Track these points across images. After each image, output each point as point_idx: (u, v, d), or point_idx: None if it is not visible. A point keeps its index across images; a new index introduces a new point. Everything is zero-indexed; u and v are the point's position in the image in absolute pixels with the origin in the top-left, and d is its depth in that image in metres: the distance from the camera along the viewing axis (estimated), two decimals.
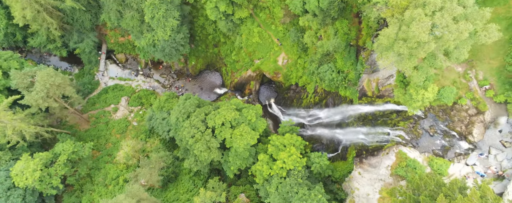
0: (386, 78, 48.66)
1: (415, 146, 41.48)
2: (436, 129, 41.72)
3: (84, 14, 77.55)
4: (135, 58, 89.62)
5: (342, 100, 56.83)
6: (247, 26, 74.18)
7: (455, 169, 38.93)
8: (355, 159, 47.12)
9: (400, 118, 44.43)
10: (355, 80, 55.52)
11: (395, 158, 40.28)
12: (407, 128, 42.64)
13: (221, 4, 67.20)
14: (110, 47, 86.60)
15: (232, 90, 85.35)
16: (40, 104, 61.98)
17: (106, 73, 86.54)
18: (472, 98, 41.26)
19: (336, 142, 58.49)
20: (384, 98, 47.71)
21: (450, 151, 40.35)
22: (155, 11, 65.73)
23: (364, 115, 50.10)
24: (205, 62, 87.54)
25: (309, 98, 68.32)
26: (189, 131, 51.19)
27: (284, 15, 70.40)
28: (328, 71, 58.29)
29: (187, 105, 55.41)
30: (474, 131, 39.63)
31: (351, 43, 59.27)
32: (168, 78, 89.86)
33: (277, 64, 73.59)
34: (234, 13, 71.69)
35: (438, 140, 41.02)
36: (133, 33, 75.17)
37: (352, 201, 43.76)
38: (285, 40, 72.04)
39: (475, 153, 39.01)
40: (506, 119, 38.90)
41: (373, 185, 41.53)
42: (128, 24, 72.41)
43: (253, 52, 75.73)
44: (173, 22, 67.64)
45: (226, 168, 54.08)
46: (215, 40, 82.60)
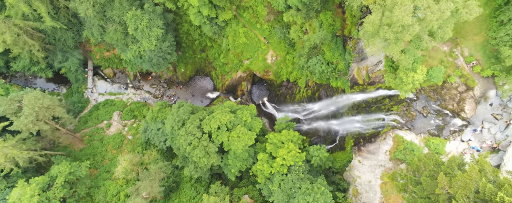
0: (375, 65, 49.72)
1: (411, 128, 42.48)
2: (429, 110, 42.78)
3: (66, 33, 77.43)
4: (123, 71, 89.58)
5: (335, 91, 57.78)
6: (232, 28, 74.90)
7: (452, 147, 39.97)
8: (354, 148, 48.00)
9: (393, 102, 45.44)
10: (345, 70, 56.53)
11: (392, 142, 41.20)
12: (401, 111, 43.64)
13: (203, 8, 67.88)
14: (96, 63, 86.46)
15: (224, 93, 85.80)
16: (31, 128, 61.74)
17: (95, 90, 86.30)
18: (461, 75, 42.48)
19: (333, 133, 59.39)
20: (375, 84, 48.73)
21: (445, 129, 41.42)
22: (138, 22, 66.13)
23: (357, 103, 51.05)
24: (194, 68, 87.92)
25: (301, 93, 69.18)
26: (185, 139, 51.49)
27: (268, 12, 71.34)
28: (318, 63, 59.24)
29: (181, 113, 55.73)
30: (465, 107, 40.76)
31: (337, 34, 60.36)
32: (159, 88, 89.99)
33: (266, 62, 74.42)
34: (218, 16, 72.38)
35: (432, 120, 42.09)
36: (118, 47, 75.32)
37: (355, 189, 44.53)
38: (271, 37, 72.92)
39: (469, 129, 40.13)
40: (495, 92, 40.13)
41: (374, 172, 42.37)
42: (112, 38, 72.57)
43: (241, 52, 76.45)
44: (157, 31, 68.04)
45: (226, 172, 54.45)
46: (202, 45, 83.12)
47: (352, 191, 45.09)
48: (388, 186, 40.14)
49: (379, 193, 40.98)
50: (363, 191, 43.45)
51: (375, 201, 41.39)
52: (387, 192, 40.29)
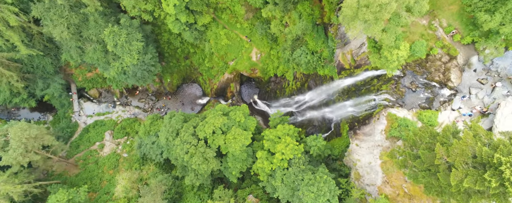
0: (358, 48, 51.09)
1: (402, 105, 43.76)
2: (417, 84, 44.17)
3: (43, 59, 76.98)
4: (109, 90, 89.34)
5: (323, 79, 58.96)
6: (212, 31, 75.67)
7: (444, 117, 41.34)
8: (349, 132, 49.08)
9: (381, 82, 46.75)
10: (330, 57, 57.77)
11: (386, 121, 42.35)
12: (390, 89, 44.94)
13: (181, 15, 68.47)
14: (80, 85, 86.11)
15: (214, 97, 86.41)
16: (21, 161, 61.29)
17: (82, 113, 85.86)
18: (442, 46, 44.03)
19: (327, 121, 60.54)
20: (362, 67, 50.04)
21: (435, 101, 42.82)
22: (116, 38, 66.25)
23: (347, 88, 52.28)
24: (180, 77, 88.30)
25: (291, 86, 70.29)
26: (182, 148, 51.83)
27: (246, 11, 72.34)
28: (302, 54, 60.39)
29: (173, 123, 56.07)
30: (451, 76, 42.25)
31: (317, 23, 61.66)
32: (147, 102, 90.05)
33: (251, 60, 75.34)
34: (196, 21, 73.04)
35: (421, 94, 43.47)
36: (100, 66, 75.23)
37: (356, 173, 45.53)
38: (253, 35, 73.89)
39: (458, 97, 41.60)
40: (477, 58, 41.74)
41: (372, 153, 43.42)
42: (92, 58, 72.48)
43: (225, 54, 77.23)
44: (137, 44, 68.30)
45: (228, 175, 54.92)
46: (185, 52, 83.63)
47: (354, 175, 46.07)
48: (388, 165, 41.19)
49: (380, 173, 42.02)
50: (364, 173, 44.44)
51: (377, 181, 42.39)
52: (388, 171, 41.35)
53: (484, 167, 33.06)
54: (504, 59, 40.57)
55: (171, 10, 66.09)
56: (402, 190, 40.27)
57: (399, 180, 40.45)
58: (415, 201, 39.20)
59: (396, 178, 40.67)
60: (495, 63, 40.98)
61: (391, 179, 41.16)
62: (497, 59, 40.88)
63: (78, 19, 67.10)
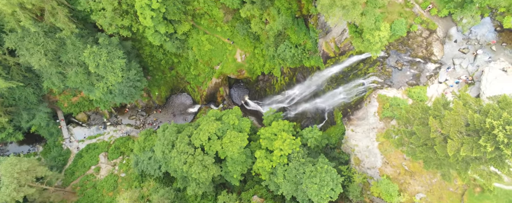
0: (340, 35, 52.50)
1: (390, 84, 45.12)
2: (402, 62, 45.64)
3: (24, 90, 76.54)
4: (97, 111, 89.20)
5: (310, 71, 60.19)
6: (194, 38, 76.53)
7: (432, 91, 42.76)
8: (343, 119, 50.24)
9: (368, 65, 48.12)
10: (314, 48, 59.09)
11: (378, 103, 43.59)
12: (377, 71, 46.32)
13: (160, 27, 69.20)
14: (67, 111, 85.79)
15: (205, 104, 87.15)
16: (15, 196, 60.76)
17: (73, 138, 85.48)
18: (421, 22, 45.66)
19: (321, 111, 61.78)
20: (346, 53, 51.41)
21: (422, 76, 44.30)
22: (97, 59, 66.41)
23: (334, 76, 53.58)
24: (168, 88, 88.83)
25: (279, 82, 71.49)
26: (179, 159, 52.27)
27: (225, 13, 73.48)
28: (286, 49, 61.65)
29: (167, 135, 56.51)
30: (434, 50, 43.80)
31: (296, 16, 63.07)
32: (138, 118, 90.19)
33: (236, 62, 76.38)
34: (176, 31, 73.82)
35: (408, 71, 44.93)
36: (84, 88, 75.23)
37: (355, 158, 46.58)
38: (235, 36, 74.99)
39: (443, 70, 43.12)
40: (455, 29, 43.40)
41: (368, 136, 44.55)
42: (75, 81, 72.39)
43: (209, 60, 78.12)
44: (119, 62, 68.60)
45: (229, 179, 55.47)
46: (169, 63, 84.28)
47: (354, 161, 47.11)
48: (386, 145, 42.33)
49: (379, 155, 43.11)
50: (363, 157, 45.50)
51: (377, 163, 43.48)
52: (386, 151, 42.47)
53: (478, 133, 34.33)
54: (481, 27, 42.27)
55: (148, 22, 66.79)
56: (403, 169, 41.38)
57: (398, 159, 41.57)
58: (416, 177, 40.31)
59: (395, 158, 41.79)
60: (473, 31, 42.65)
61: (390, 159, 42.26)
62: (474, 27, 42.56)
63: (55, 44, 67.14)
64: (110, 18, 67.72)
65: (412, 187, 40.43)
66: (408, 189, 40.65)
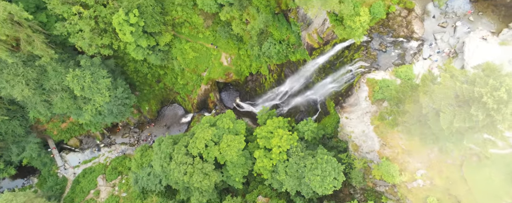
0: (322, 25, 53.96)
1: (377, 67, 46.56)
2: (385, 44, 47.17)
3: (10, 123, 76.06)
4: (89, 135, 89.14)
5: (297, 65, 61.55)
6: (177, 48, 77.43)
7: (419, 68, 44.28)
8: (336, 108, 51.51)
9: (352, 51, 49.58)
10: (298, 41, 60.49)
11: (367, 87, 44.90)
12: (363, 56, 47.76)
13: (141, 41, 69.89)
14: (57, 139, 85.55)
15: (197, 112, 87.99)
16: None
17: (67, 165, 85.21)
18: (398, 2, 47.23)
19: (313, 103, 63.12)
20: (330, 42, 52.87)
21: (406, 55, 45.85)
22: (81, 81, 66.56)
23: (322, 66, 54.99)
24: (158, 101, 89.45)
25: (268, 80, 72.83)
26: (179, 170, 52.84)
27: (204, 19, 74.62)
28: (271, 46, 62.95)
29: (163, 148, 57.04)
30: (414, 28, 45.39)
31: (276, 12, 64.48)
32: (132, 135, 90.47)
33: (223, 65, 77.47)
34: (158, 42, 74.67)
35: (392, 52, 46.44)
36: (72, 113, 75.25)
37: (353, 144, 47.80)
38: (218, 41, 76.10)
39: (426, 46, 44.73)
40: (432, 4, 45.09)
41: (363, 121, 45.82)
42: (61, 107, 72.31)
43: (195, 67, 79.06)
44: (105, 81, 68.89)
45: (232, 183, 56.17)
46: (155, 76, 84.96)
47: (352, 147, 48.30)
48: (381, 128, 43.58)
49: (376, 138, 44.35)
50: (361, 142, 46.71)
51: (375, 146, 44.72)
52: (383, 133, 43.71)
53: (468, 103, 35.71)
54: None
55: (129, 38, 67.49)
56: (400, 148, 42.61)
57: (395, 139, 42.82)
58: (415, 155, 41.59)
59: (391, 139, 43.03)
60: (449, 5, 44.37)
61: (387, 141, 43.50)
62: (450, 0, 44.33)
63: (36, 72, 67.03)
64: (89, 38, 68.14)
65: (412, 165, 41.68)
66: (408, 167, 41.89)
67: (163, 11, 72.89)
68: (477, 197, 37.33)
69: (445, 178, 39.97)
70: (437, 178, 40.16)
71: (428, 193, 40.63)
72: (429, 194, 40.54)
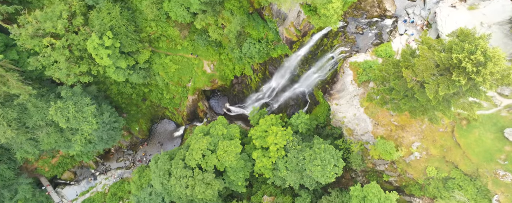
0: (297, 17, 55.94)
1: (358, 50, 48.61)
2: (361, 26, 49.34)
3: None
4: (82, 165, 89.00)
5: (280, 60, 63.46)
6: (157, 63, 78.55)
7: (397, 44, 46.40)
8: (325, 96, 53.31)
9: (331, 38, 51.60)
10: (276, 37, 62.37)
11: (351, 70, 46.82)
12: (342, 41, 49.81)
13: (119, 62, 70.75)
14: (50, 175, 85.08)
15: (189, 123, 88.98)
16: None
17: (65, 200, 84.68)
18: None
19: (301, 96, 65.00)
20: (308, 33, 54.86)
21: (383, 34, 48.03)
22: (65, 113, 66.70)
23: (304, 58, 56.93)
24: (147, 120, 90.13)
25: (254, 80, 74.55)
26: (180, 185, 53.67)
27: (180, 30, 76.03)
28: (251, 46, 64.68)
29: (161, 166, 57.81)
30: (386, 6, 47.64)
31: (250, 12, 66.38)
32: (126, 158, 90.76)
33: (207, 73, 78.88)
34: (137, 61, 75.72)
35: (369, 33, 48.61)
36: (61, 147, 75.20)
37: (347, 129, 49.53)
38: (197, 49, 77.54)
39: (400, 22, 46.92)
40: None
41: (353, 105, 47.60)
42: (49, 143, 72.14)
43: (179, 79, 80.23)
44: (89, 109, 69.30)
45: (235, 187, 57.21)
46: (140, 95, 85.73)
47: (346, 132, 50.02)
48: (371, 108, 45.39)
49: (368, 119, 46.11)
50: (354, 126, 48.44)
51: (368, 127, 46.46)
52: (373, 113, 45.50)
53: (449, 70, 37.75)
54: None
55: (107, 61, 68.31)
56: (393, 125, 44.41)
57: (386, 117, 44.62)
58: (407, 129, 43.42)
59: (383, 117, 44.81)
60: None
61: (379, 120, 45.27)
62: None
63: (16, 112, 66.78)
64: (66, 68, 68.49)
65: (407, 139, 43.48)
66: (403, 142, 43.66)
67: (137, 28, 74.04)
68: (472, 158, 39.24)
69: (439, 146, 41.85)
70: (432, 147, 42.01)
71: (426, 163, 42.46)
72: (427, 164, 42.36)
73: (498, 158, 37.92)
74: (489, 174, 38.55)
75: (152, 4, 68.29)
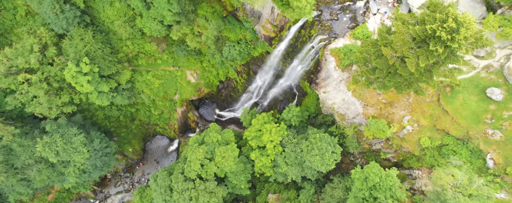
0: (271, 14, 57.70)
1: (336, 36, 50.49)
2: (335, 12, 51.36)
3: None
4: (79, 197, 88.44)
5: (262, 58, 65.24)
6: (140, 81, 79.29)
7: (372, 24, 48.46)
8: (311, 86, 55.09)
9: (308, 29, 53.47)
10: (255, 36, 64.09)
11: (333, 57, 48.66)
12: (319, 30, 51.70)
13: (101, 86, 71.08)
14: None
15: (182, 136, 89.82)
16: None
17: None
18: None
19: (289, 89, 66.86)
20: (285, 27, 56.69)
21: (357, 16, 50.05)
22: (53, 147, 66.42)
23: (285, 52, 58.76)
24: (139, 140, 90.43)
25: (240, 82, 76.11)
26: (183, 198, 54.34)
27: (157, 44, 77.09)
28: (231, 49, 66.19)
29: (161, 183, 58.48)
30: None
31: (224, 15, 67.96)
32: (124, 182, 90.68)
33: (191, 83, 79.99)
34: (119, 82, 76.38)
35: (344, 18, 50.64)
36: (55, 182, 74.76)
37: (339, 114, 51.28)
38: (178, 61, 78.62)
39: (371, 2, 49.11)
40: None
41: (340, 90, 49.41)
42: (42, 180, 71.60)
43: (165, 93, 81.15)
44: (78, 139, 69.23)
45: (238, 191, 58.12)
46: (127, 115, 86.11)
47: (338, 117, 51.79)
48: (358, 90, 47.23)
49: (357, 102, 47.93)
50: (345, 110, 50.20)
51: (359, 109, 48.26)
52: (361, 95, 47.35)
53: (426, 42, 39.93)
54: None
55: (88, 88, 68.56)
56: (381, 103, 46.26)
57: (374, 97, 46.46)
58: (396, 104, 45.31)
59: (370, 97, 46.65)
60: None
61: (367, 101, 47.09)
62: None
63: (1, 154, 66.03)
64: (47, 102, 68.22)
65: (397, 115, 45.35)
66: (394, 118, 45.50)
67: (113, 50, 74.72)
68: (461, 122, 41.24)
69: (429, 116, 43.82)
70: (422, 119, 43.97)
71: (419, 135, 44.39)
72: (420, 136, 44.30)
73: (485, 118, 40.02)
74: (479, 135, 40.58)
75: (125, 23, 69.23)
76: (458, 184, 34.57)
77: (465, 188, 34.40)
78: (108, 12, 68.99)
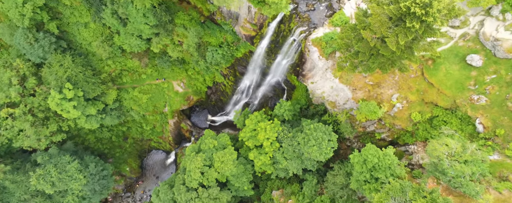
0: (249, 13, 59.09)
1: (315, 26, 52.07)
2: (311, 3, 52.98)
3: None
4: None
5: (246, 58, 66.59)
6: (127, 99, 79.70)
7: (349, 10, 50.12)
8: (299, 78, 56.55)
9: (287, 23, 54.91)
10: (235, 38, 65.34)
11: (315, 47, 50.13)
12: (297, 23, 53.18)
13: (88, 110, 71.18)
14: None
15: (178, 147, 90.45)
16: None
17: None
18: None
19: (277, 85, 68.25)
20: (264, 24, 58.04)
21: (333, 4, 51.69)
22: (48, 179, 66.44)
23: (268, 49, 60.21)
24: (135, 157, 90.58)
25: (227, 85, 77.32)
26: None
27: (139, 59, 77.75)
28: (214, 53, 67.32)
29: (163, 197, 58.95)
30: None
31: (202, 21, 69.21)
32: (127, 202, 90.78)
33: (179, 93, 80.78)
34: (106, 103, 76.74)
35: (320, 7, 52.26)
36: None
37: (329, 103, 52.71)
38: (162, 73, 79.25)
39: None
40: None
41: (327, 78, 50.87)
42: None
43: (154, 107, 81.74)
44: (72, 166, 69.23)
45: (242, 193, 58.80)
46: (119, 135, 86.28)
47: (329, 105, 53.25)
48: (345, 76, 48.76)
49: (345, 87, 49.44)
50: (335, 98, 51.71)
51: (348, 94, 49.74)
52: (348, 80, 48.87)
53: (402, 19, 41.69)
54: None
55: (75, 113, 68.67)
56: (369, 85, 47.85)
57: (361, 80, 48.02)
58: (383, 84, 46.90)
59: (357, 81, 48.20)
60: None
61: (355, 85, 48.62)
62: None
63: None
64: (34, 134, 68.12)
65: (385, 94, 46.94)
66: (383, 98, 47.09)
67: (95, 71, 75.03)
68: (447, 92, 42.97)
69: (416, 91, 45.52)
70: (409, 95, 45.64)
71: (409, 111, 46.02)
72: (410, 111, 45.93)
73: (468, 85, 41.84)
74: (465, 102, 42.39)
75: (103, 43, 69.78)
76: (453, 152, 36.14)
77: (460, 155, 35.99)
78: (84, 34, 69.45)
